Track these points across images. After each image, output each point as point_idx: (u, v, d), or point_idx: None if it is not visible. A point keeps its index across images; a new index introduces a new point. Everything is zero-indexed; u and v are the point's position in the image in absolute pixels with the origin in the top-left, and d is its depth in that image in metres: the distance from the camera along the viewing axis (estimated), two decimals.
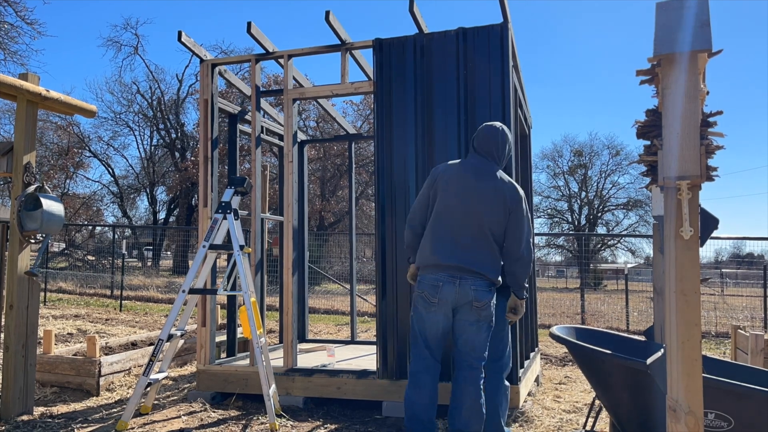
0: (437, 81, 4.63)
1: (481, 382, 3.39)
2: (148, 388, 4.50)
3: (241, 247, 4.43)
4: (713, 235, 2.56)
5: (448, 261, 3.34)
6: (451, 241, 3.38)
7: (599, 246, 35.17)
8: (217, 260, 5.08)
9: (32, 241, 4.55)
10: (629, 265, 24.81)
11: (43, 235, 4.57)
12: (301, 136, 6.82)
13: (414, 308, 3.45)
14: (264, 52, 5.18)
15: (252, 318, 4.29)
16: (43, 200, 4.45)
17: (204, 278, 4.65)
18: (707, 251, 19.93)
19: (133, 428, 4.14)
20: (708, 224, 2.32)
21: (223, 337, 5.87)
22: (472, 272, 3.32)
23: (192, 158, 27.12)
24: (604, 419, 4.19)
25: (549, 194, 39.24)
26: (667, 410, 2.12)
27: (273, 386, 4.41)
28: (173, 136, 30.93)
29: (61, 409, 4.66)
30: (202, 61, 5.21)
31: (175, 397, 5.07)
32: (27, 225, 4.46)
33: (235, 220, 4.55)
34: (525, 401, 4.66)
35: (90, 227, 29.46)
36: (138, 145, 36.49)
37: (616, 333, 4.00)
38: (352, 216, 7.02)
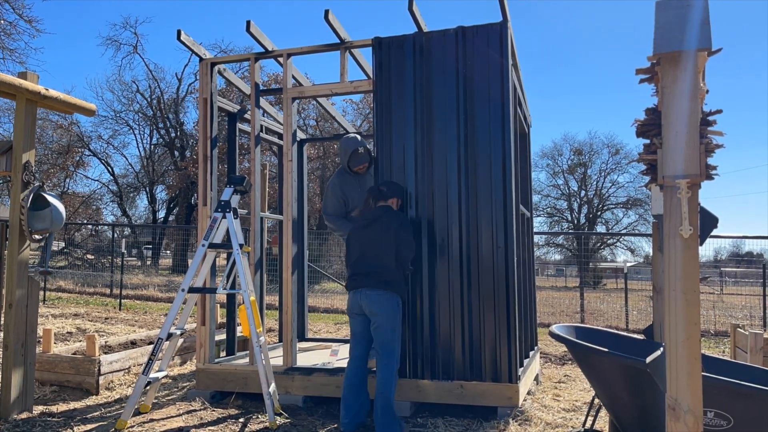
0: (437, 80, 4.63)
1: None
2: (148, 387, 4.50)
3: (241, 246, 4.43)
4: (713, 233, 2.56)
5: None
6: None
7: (599, 245, 35.17)
8: (217, 259, 5.08)
9: (37, 239, 4.57)
10: (629, 264, 24.82)
11: (44, 234, 4.59)
12: (300, 135, 6.82)
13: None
14: (263, 50, 5.18)
15: (251, 317, 4.29)
16: (50, 199, 4.48)
17: (203, 277, 4.65)
18: (706, 250, 19.94)
19: (132, 427, 4.14)
20: (707, 223, 2.32)
21: (223, 336, 5.87)
22: None
23: (191, 157, 27.10)
24: (604, 418, 4.19)
25: (548, 193, 39.28)
26: (666, 409, 2.12)
27: (272, 385, 4.41)
28: (173, 134, 30.92)
29: (61, 407, 4.66)
30: (201, 60, 5.21)
31: (175, 396, 5.07)
32: (35, 225, 4.48)
33: (235, 218, 4.54)
34: (524, 400, 4.66)
35: (92, 227, 29.44)
36: (138, 143, 36.54)
37: (616, 332, 4.00)
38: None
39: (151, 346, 6.02)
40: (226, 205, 4.54)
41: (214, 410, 4.56)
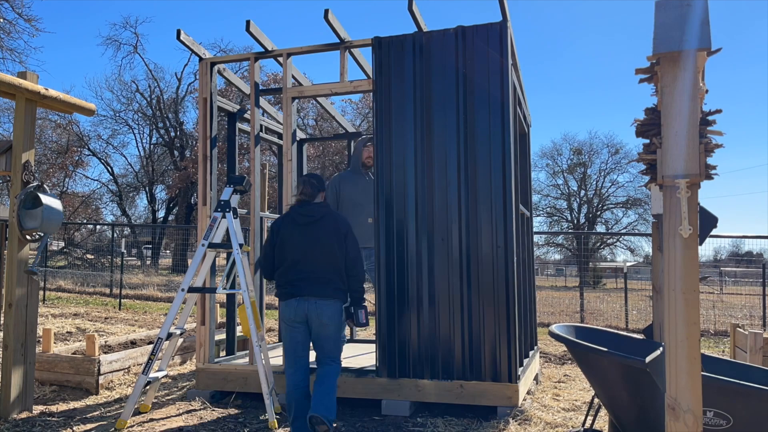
0: (436, 79, 4.63)
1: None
2: (148, 387, 4.50)
3: (240, 246, 4.43)
4: (712, 233, 2.56)
5: None
6: None
7: (598, 244, 35.20)
8: (217, 259, 5.08)
9: (29, 239, 4.55)
10: (628, 264, 24.84)
11: (41, 234, 4.57)
12: (300, 135, 6.82)
13: None
14: (263, 50, 5.18)
15: (251, 317, 4.29)
16: (43, 198, 4.45)
17: (203, 277, 4.65)
18: (706, 250, 19.97)
19: (132, 426, 4.14)
20: (707, 222, 2.32)
21: (223, 336, 5.87)
22: None
23: (191, 157, 27.10)
24: (604, 417, 4.20)
25: (548, 193, 39.29)
26: (666, 408, 2.12)
27: (272, 384, 4.41)
28: (172, 134, 30.91)
29: (61, 407, 4.66)
30: (201, 59, 5.21)
31: (175, 396, 5.07)
32: (27, 223, 4.46)
33: (234, 218, 4.54)
34: (524, 399, 4.66)
35: (91, 226, 29.45)
36: (137, 143, 36.58)
37: (615, 331, 4.00)
38: None
39: (151, 346, 6.02)
40: (226, 204, 4.53)
41: (213, 410, 4.56)
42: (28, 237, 4.52)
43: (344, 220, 3.91)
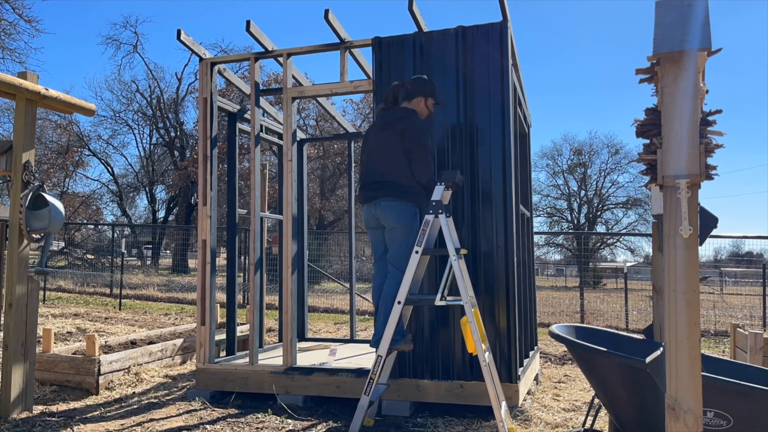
0: (437, 79, 4.62)
1: None
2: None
3: (457, 251, 3.90)
4: (712, 233, 2.56)
5: None
6: None
7: (598, 245, 35.22)
8: (217, 259, 5.06)
9: (36, 238, 4.57)
10: (628, 264, 24.84)
11: (42, 234, 4.59)
12: (300, 135, 6.82)
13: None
14: (263, 50, 5.18)
15: (476, 331, 3.71)
16: (48, 199, 4.47)
17: (417, 285, 4.16)
18: (706, 250, 19.95)
19: (132, 426, 4.14)
20: (707, 223, 2.32)
21: (223, 336, 5.87)
22: None
23: (191, 157, 27.10)
24: (604, 418, 4.19)
25: (548, 193, 39.34)
26: (666, 409, 2.12)
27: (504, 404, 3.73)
28: (172, 134, 30.93)
29: (61, 407, 4.66)
30: (201, 59, 5.21)
31: (175, 396, 5.07)
32: (33, 224, 4.48)
33: (448, 218, 3.95)
34: (524, 400, 4.66)
35: (91, 226, 29.46)
36: (137, 143, 36.64)
37: (616, 332, 4.00)
38: (352, 215, 7.02)
39: (151, 346, 6.03)
40: (438, 205, 3.93)
41: (213, 410, 4.56)
42: (35, 236, 4.55)
43: (411, 128, 4.14)
